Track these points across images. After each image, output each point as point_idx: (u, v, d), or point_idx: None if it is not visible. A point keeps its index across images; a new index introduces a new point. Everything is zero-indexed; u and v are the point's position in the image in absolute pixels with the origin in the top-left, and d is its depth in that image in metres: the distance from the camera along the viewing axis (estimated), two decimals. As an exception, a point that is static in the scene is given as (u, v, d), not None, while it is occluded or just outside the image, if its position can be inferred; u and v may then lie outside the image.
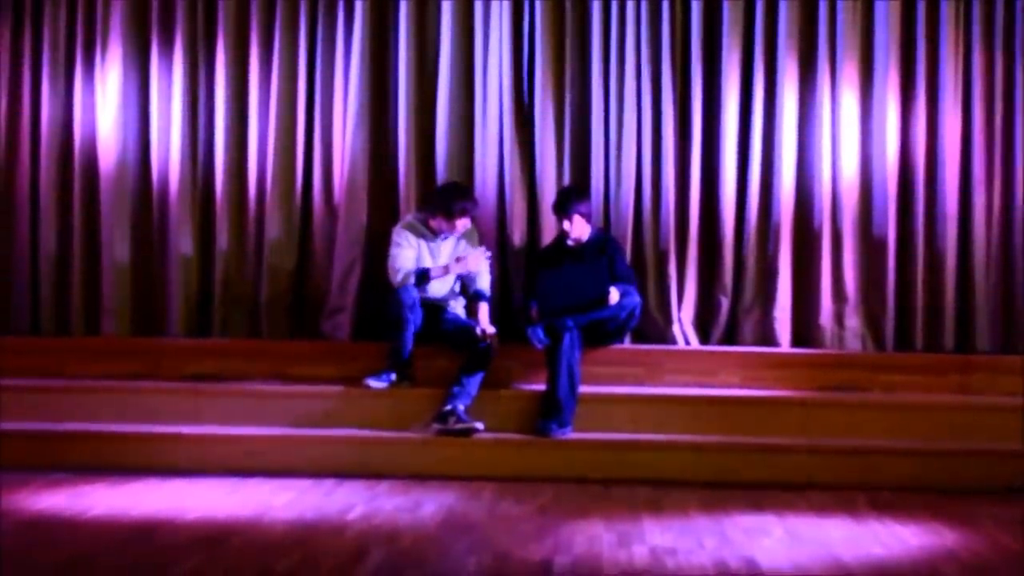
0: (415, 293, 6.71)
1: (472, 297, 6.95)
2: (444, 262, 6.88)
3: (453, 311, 6.96)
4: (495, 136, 7.49)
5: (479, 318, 6.82)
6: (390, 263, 6.84)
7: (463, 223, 6.86)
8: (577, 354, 6.60)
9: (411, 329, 6.69)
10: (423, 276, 6.76)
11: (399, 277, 6.75)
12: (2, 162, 7.67)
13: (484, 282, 6.94)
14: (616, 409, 6.69)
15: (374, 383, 6.74)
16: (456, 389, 6.53)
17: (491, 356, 6.67)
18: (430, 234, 6.90)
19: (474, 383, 6.59)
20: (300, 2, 7.56)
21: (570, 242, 6.99)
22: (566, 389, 6.51)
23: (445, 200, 6.87)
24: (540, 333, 6.66)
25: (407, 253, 6.82)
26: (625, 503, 5.82)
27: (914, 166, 7.38)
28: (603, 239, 7.09)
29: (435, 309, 6.86)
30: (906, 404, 6.78)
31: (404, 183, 7.49)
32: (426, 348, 6.86)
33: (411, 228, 6.92)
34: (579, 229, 6.95)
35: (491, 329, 6.74)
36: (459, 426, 6.42)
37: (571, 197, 7.00)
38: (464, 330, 6.77)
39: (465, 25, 7.52)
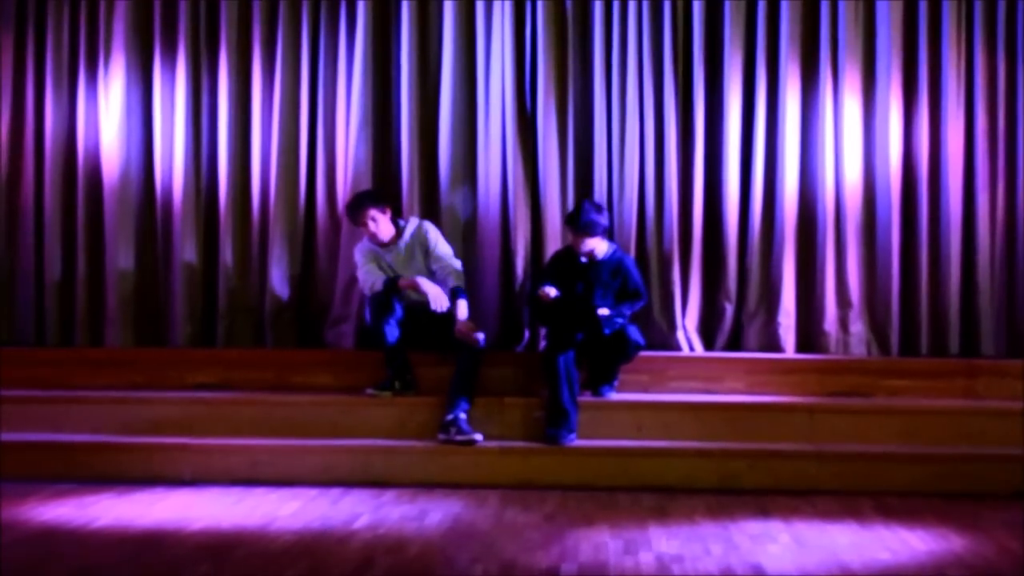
0: (386, 299, 6.74)
1: (450, 295, 6.82)
2: (400, 268, 6.92)
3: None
4: (498, 143, 7.50)
5: (457, 316, 6.75)
6: (359, 279, 6.98)
7: (374, 224, 6.87)
8: (572, 358, 6.59)
9: (392, 334, 6.73)
10: (393, 283, 6.79)
11: (368, 286, 6.85)
12: (6, 173, 7.70)
13: (457, 278, 6.88)
14: (621, 416, 6.69)
15: (377, 392, 6.75)
16: (454, 396, 6.53)
17: (478, 353, 6.67)
18: (378, 247, 6.98)
19: (469, 385, 6.59)
20: (302, 12, 7.58)
21: (582, 258, 6.84)
22: (567, 395, 6.51)
23: (349, 212, 7.06)
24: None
25: (370, 267, 6.94)
26: (631, 510, 5.82)
27: (917, 170, 7.38)
28: (616, 261, 6.87)
29: (420, 312, 6.82)
30: (911, 409, 6.77)
31: (407, 192, 7.50)
32: (427, 356, 6.88)
33: (364, 247, 7.02)
34: (591, 245, 6.80)
35: (468, 326, 6.70)
36: (459, 437, 6.42)
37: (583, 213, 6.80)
38: (446, 333, 6.76)
39: (467, 32, 7.53)
